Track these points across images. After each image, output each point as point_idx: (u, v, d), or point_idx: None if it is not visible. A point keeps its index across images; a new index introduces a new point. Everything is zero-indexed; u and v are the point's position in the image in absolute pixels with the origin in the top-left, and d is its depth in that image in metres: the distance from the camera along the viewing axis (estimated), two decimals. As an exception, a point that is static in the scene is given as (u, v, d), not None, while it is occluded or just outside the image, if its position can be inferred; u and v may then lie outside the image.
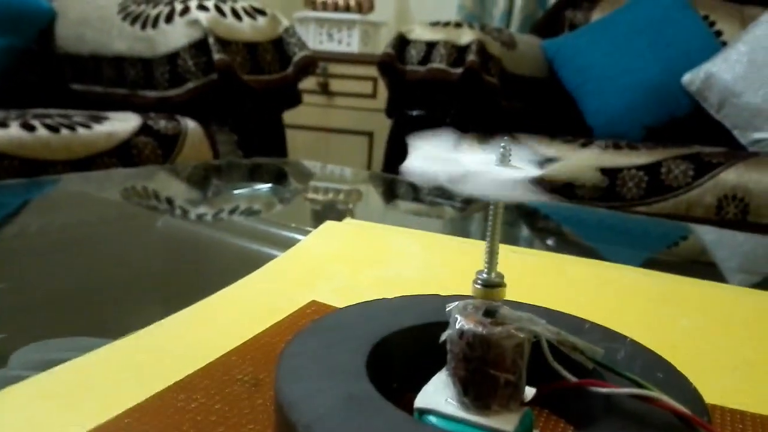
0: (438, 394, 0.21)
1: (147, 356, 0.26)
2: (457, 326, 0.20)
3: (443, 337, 0.21)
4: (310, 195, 0.75)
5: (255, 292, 0.32)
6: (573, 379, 0.20)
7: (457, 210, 0.71)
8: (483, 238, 0.21)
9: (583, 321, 0.25)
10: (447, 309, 0.21)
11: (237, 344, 0.27)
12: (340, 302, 0.25)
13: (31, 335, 0.30)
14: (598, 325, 0.25)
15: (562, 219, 0.74)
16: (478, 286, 0.20)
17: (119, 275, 0.40)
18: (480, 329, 0.20)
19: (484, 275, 0.20)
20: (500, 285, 0.20)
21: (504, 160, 0.19)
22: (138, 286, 0.39)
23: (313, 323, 0.23)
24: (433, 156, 0.19)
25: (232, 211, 0.60)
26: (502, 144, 0.19)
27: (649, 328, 0.28)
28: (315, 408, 0.18)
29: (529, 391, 0.21)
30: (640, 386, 0.19)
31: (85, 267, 0.41)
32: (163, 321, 0.28)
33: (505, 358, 0.20)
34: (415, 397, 0.21)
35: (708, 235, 0.70)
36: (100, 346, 0.27)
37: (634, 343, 0.24)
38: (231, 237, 0.50)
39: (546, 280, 0.33)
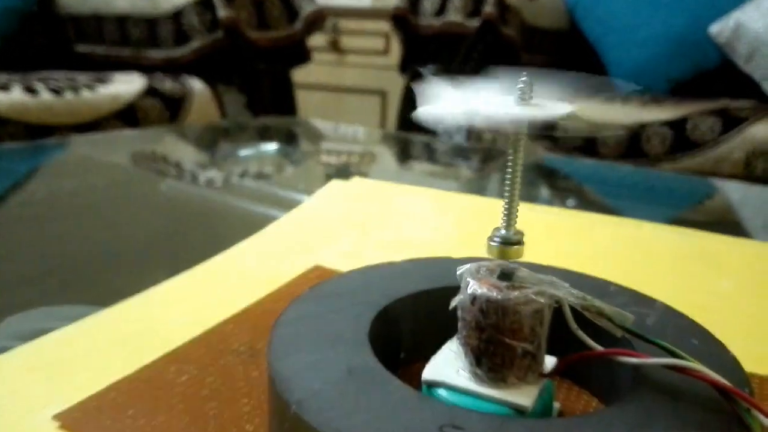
0: (448, 365, 0.19)
1: (137, 325, 0.24)
2: (469, 291, 0.18)
3: (454, 302, 0.18)
4: (318, 155, 0.72)
5: (255, 257, 0.30)
6: (599, 348, 0.18)
7: (474, 170, 0.69)
8: (500, 197, 0.18)
9: (608, 283, 0.23)
10: (458, 272, 0.19)
11: (234, 312, 0.25)
12: (345, 267, 0.23)
13: (27, 304, 0.28)
14: (625, 287, 0.22)
15: (583, 177, 0.71)
16: (494, 244, 0.18)
17: (120, 241, 0.38)
18: (495, 294, 0.17)
19: (502, 232, 0.18)
20: (519, 243, 0.18)
21: (524, 97, 0.16)
22: (139, 252, 0.37)
23: (311, 289, 0.21)
24: (447, 99, 0.17)
25: (237, 174, 0.58)
26: (522, 80, 0.16)
27: (681, 291, 0.25)
28: (310, 382, 0.16)
29: (549, 361, 0.19)
30: (674, 355, 0.17)
31: (86, 233, 0.40)
32: (156, 288, 0.27)
33: (522, 326, 0.18)
34: (423, 368, 0.19)
35: (736, 191, 0.66)
36: (91, 314, 0.25)
37: (666, 308, 0.21)
38: (234, 199, 0.48)
39: (568, 240, 0.31)
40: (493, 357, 0.18)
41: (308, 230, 0.33)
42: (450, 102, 0.17)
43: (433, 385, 0.18)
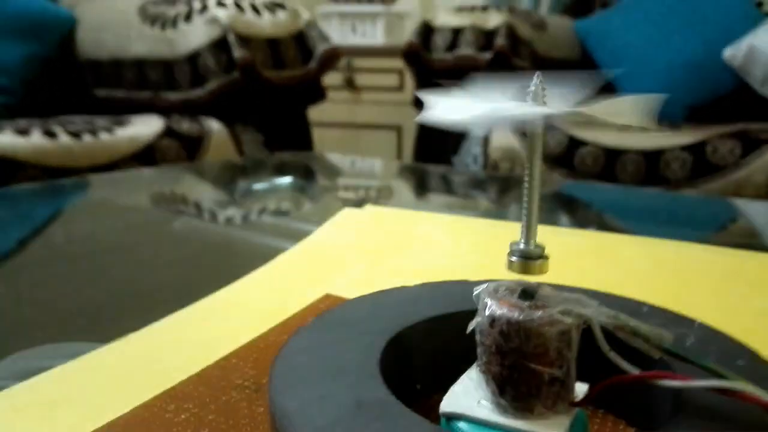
0: (468, 395, 0.17)
1: (137, 362, 0.23)
2: (488, 312, 0.16)
3: (471, 326, 0.17)
4: (334, 188, 0.72)
5: (261, 289, 0.29)
6: (635, 371, 0.16)
7: (492, 201, 0.67)
8: (519, 221, 0.17)
9: (640, 304, 0.21)
10: (475, 293, 0.17)
11: (239, 346, 0.23)
12: (357, 295, 0.22)
13: (38, 343, 0.27)
14: (659, 307, 0.21)
15: (603, 202, 0.69)
16: (514, 259, 0.17)
17: (138, 282, 0.37)
18: (516, 314, 0.16)
19: (521, 245, 0.17)
20: (541, 257, 0.17)
21: (537, 99, 0.15)
22: (156, 291, 0.36)
23: (317, 318, 0.20)
24: (454, 104, 0.16)
25: (254, 210, 0.57)
26: (535, 80, 0.15)
27: (716, 311, 0.23)
28: (315, 418, 0.15)
29: (580, 389, 0.18)
30: (721, 376, 0.16)
31: (104, 275, 0.39)
32: (157, 323, 0.25)
33: (548, 349, 0.16)
34: (440, 400, 0.17)
35: (761, 211, 0.64)
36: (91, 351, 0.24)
37: (705, 327, 0.20)
38: (252, 234, 0.47)
39: (593, 261, 0.29)
40: (517, 385, 0.16)
41: (319, 259, 0.31)
42: (462, 105, 0.15)
43: (452, 417, 0.17)
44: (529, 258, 0.16)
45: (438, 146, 1.41)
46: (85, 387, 0.21)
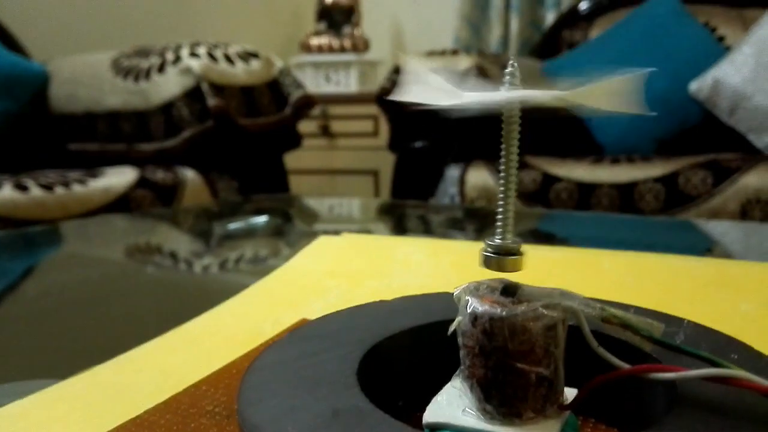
0: (452, 404, 0.16)
1: (102, 392, 0.21)
2: (470, 310, 0.16)
3: (453, 326, 0.16)
4: (309, 223, 0.71)
5: (235, 316, 0.27)
6: (626, 366, 0.15)
7: (470, 240, 0.67)
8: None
9: (627, 306, 0.20)
10: (455, 293, 0.17)
11: (210, 372, 0.22)
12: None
13: None
14: (647, 309, 0.20)
15: (577, 224, 0.69)
16: (489, 254, 0.16)
17: (98, 321, 0.36)
18: (499, 310, 0.15)
19: (497, 240, 0.16)
20: (517, 253, 0.16)
21: (513, 82, 0.15)
22: (122, 330, 0.34)
23: (291, 333, 0.19)
24: (430, 86, 0.15)
25: (229, 252, 0.56)
26: (511, 65, 0.15)
27: (705, 316, 0.23)
28: (287, 430, 0.14)
29: (569, 394, 0.17)
30: (716, 365, 0.15)
31: (77, 326, 0.37)
32: (125, 354, 0.24)
33: (534, 346, 0.15)
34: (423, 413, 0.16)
35: (734, 228, 0.64)
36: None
37: (695, 325, 0.19)
38: (220, 271, 0.46)
39: (576, 275, 0.28)
40: (503, 388, 0.15)
41: (294, 285, 0.30)
42: (436, 87, 0.15)
43: (436, 428, 0.16)
44: (504, 253, 0.16)
45: (415, 188, 1.41)
46: (44, 421, 0.20)
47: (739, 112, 1.39)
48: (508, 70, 0.15)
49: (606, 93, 0.14)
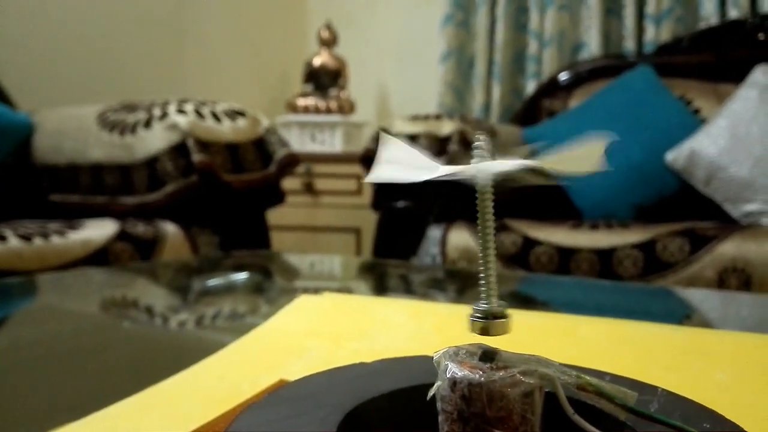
0: (430, 470, 0.16)
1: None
2: (449, 375, 0.16)
3: (432, 391, 0.16)
4: (289, 280, 0.70)
5: (212, 375, 0.27)
6: (602, 434, 0.15)
7: (451, 300, 0.67)
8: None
9: (603, 374, 0.21)
10: (435, 357, 0.17)
11: (184, 434, 0.22)
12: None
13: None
14: (622, 376, 0.20)
15: (556, 288, 0.69)
16: (477, 319, 0.16)
17: (84, 386, 0.35)
18: (477, 376, 0.15)
19: (482, 304, 0.16)
20: (503, 316, 0.16)
21: (483, 155, 0.15)
22: (94, 387, 0.33)
23: (268, 395, 0.19)
24: (403, 164, 0.16)
25: (207, 309, 0.55)
26: (477, 137, 0.15)
27: (679, 384, 0.23)
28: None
29: (547, 461, 0.17)
30: (689, 438, 0.15)
31: (46, 383, 0.36)
32: (93, 415, 0.23)
33: (512, 413, 0.15)
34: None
35: (711, 296, 0.65)
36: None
37: (669, 393, 0.19)
38: (198, 329, 0.46)
39: (553, 341, 0.29)
40: (481, 455, 0.15)
41: (273, 345, 0.30)
42: (409, 163, 0.16)
43: (413, 495, 0.16)
44: (493, 317, 0.16)
45: (397, 247, 1.42)
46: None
47: (715, 182, 1.43)
48: (477, 143, 0.16)
49: (572, 158, 0.15)
